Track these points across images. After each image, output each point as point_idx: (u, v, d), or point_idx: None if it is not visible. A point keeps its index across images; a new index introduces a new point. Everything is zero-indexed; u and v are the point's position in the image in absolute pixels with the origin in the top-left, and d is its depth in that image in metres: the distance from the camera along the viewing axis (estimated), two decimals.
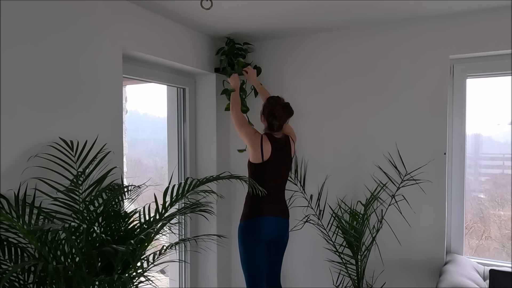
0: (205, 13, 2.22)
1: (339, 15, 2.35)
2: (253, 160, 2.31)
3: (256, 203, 2.30)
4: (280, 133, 2.39)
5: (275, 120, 2.32)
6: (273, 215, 2.31)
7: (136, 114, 3.44)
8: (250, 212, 2.31)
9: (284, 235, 2.39)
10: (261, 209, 2.28)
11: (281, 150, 2.35)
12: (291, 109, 2.37)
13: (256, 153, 2.28)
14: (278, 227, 2.33)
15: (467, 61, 2.40)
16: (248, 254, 2.28)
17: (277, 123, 2.32)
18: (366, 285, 2.45)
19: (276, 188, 2.36)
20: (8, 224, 1.34)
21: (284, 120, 2.36)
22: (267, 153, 2.28)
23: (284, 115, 2.34)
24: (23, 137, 1.59)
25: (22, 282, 1.41)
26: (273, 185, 2.32)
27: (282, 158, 2.37)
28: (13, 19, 1.55)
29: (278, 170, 2.36)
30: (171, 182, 1.96)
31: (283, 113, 2.33)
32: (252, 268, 2.28)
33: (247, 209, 2.34)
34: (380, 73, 2.53)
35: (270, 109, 2.33)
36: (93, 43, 1.90)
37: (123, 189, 1.78)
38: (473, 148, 2.54)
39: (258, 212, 2.28)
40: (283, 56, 2.83)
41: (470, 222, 2.59)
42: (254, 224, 2.28)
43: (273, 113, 2.31)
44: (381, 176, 2.50)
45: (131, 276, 1.45)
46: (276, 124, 2.32)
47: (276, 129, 2.34)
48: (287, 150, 2.40)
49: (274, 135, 2.35)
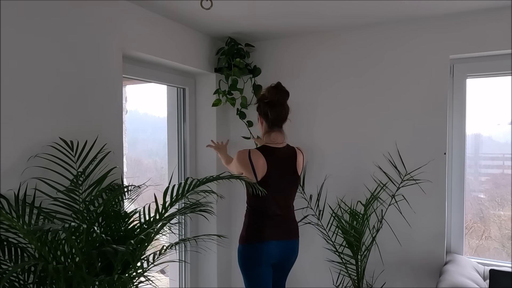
0: (205, 13, 2.22)
1: (339, 15, 2.35)
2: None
3: (256, 225, 2.01)
4: (281, 139, 2.06)
5: (270, 107, 1.98)
6: (275, 239, 2.00)
7: (136, 114, 3.44)
8: (248, 236, 2.02)
9: (291, 257, 2.12)
10: (261, 232, 1.99)
11: (282, 164, 2.03)
12: (284, 87, 2.05)
13: (247, 172, 1.97)
14: (282, 251, 2.04)
15: (467, 61, 2.40)
16: (250, 280, 2.03)
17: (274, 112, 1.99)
18: (366, 285, 2.45)
19: (280, 206, 2.05)
20: (8, 224, 1.34)
21: (281, 101, 2.01)
22: (261, 170, 1.96)
23: (279, 95, 2.01)
24: (23, 137, 1.59)
25: (22, 282, 1.41)
26: (275, 204, 2.02)
27: (284, 174, 2.04)
28: (13, 19, 1.55)
29: (280, 188, 2.03)
30: (171, 182, 1.96)
31: (277, 93, 2.01)
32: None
33: (244, 231, 2.05)
34: (380, 73, 2.53)
35: (261, 97, 2.06)
36: (93, 43, 1.90)
37: (123, 189, 1.78)
38: (473, 148, 2.54)
39: (258, 237, 1.99)
40: (283, 56, 2.83)
41: (470, 222, 2.59)
42: (253, 251, 2.00)
43: (264, 98, 2.02)
44: (381, 176, 2.50)
45: (131, 276, 1.45)
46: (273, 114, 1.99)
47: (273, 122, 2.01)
48: (291, 164, 2.07)
49: (274, 144, 2.03)
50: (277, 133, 2.08)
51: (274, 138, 2.07)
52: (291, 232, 2.10)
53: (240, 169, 2.03)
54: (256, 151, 2.00)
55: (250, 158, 1.97)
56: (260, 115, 2.10)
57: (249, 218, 2.07)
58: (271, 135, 2.07)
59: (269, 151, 2.01)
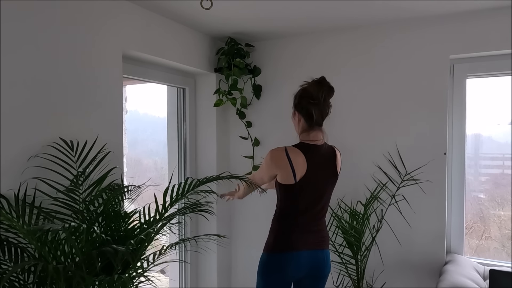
0: (205, 13, 2.21)
1: (339, 15, 2.35)
2: (282, 181, 1.78)
3: (286, 232, 1.80)
4: (320, 136, 1.83)
5: (314, 105, 1.75)
6: (307, 249, 1.79)
7: (136, 114, 3.44)
8: (276, 244, 1.81)
9: (324, 267, 1.88)
10: (291, 240, 1.78)
11: (323, 163, 1.82)
12: (329, 83, 1.82)
13: (285, 172, 1.75)
14: (313, 261, 1.83)
15: (467, 61, 2.40)
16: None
17: (318, 110, 1.76)
18: (366, 285, 2.45)
19: (316, 212, 1.83)
20: (8, 224, 1.34)
21: (326, 99, 1.78)
22: (300, 170, 1.73)
23: (325, 91, 1.77)
24: (23, 137, 1.59)
25: (22, 282, 1.41)
26: (312, 209, 1.81)
27: (325, 175, 1.83)
28: (14, 19, 1.55)
29: (320, 190, 1.82)
30: (171, 182, 1.96)
31: (323, 89, 1.77)
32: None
33: (272, 238, 1.83)
34: (380, 73, 2.53)
35: (301, 92, 1.82)
36: (93, 43, 1.90)
37: (123, 189, 1.78)
38: (473, 148, 2.54)
39: (287, 246, 1.78)
40: (283, 55, 2.83)
41: (470, 222, 2.59)
42: (280, 261, 1.78)
43: (306, 94, 1.79)
44: (381, 176, 2.50)
45: (131, 276, 1.46)
46: (317, 112, 1.76)
47: (316, 121, 1.78)
48: (331, 164, 1.86)
49: (313, 142, 1.81)
50: (318, 132, 1.84)
51: (313, 136, 1.83)
52: (323, 241, 1.87)
53: (274, 170, 1.79)
54: (293, 148, 1.77)
55: (288, 156, 1.74)
56: (299, 112, 1.84)
57: (279, 224, 1.84)
58: (310, 134, 1.83)
59: (307, 148, 1.77)
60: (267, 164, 1.83)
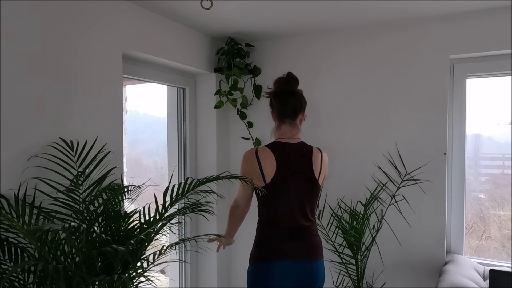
0: (205, 13, 2.21)
1: (339, 15, 2.35)
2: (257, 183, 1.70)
3: (265, 241, 1.70)
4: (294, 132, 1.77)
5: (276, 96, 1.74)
6: (290, 259, 1.66)
7: (136, 114, 3.44)
8: (257, 253, 1.72)
9: (312, 280, 1.70)
10: (270, 249, 1.67)
11: (295, 163, 1.72)
12: (293, 74, 1.82)
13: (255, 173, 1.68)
14: (298, 273, 1.67)
15: (467, 61, 2.40)
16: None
17: (279, 101, 1.74)
18: (366, 285, 2.45)
19: (295, 216, 1.70)
20: (8, 224, 1.34)
21: (289, 89, 1.74)
22: (269, 170, 1.66)
23: (286, 82, 1.77)
24: (23, 137, 1.59)
25: (22, 282, 1.41)
26: (289, 213, 1.70)
27: (298, 175, 1.71)
28: (14, 19, 1.55)
29: (294, 193, 1.71)
30: (171, 182, 1.96)
31: (284, 81, 1.78)
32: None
33: (254, 247, 1.74)
34: (380, 73, 2.53)
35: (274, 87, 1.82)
36: (93, 43, 1.90)
37: (123, 189, 1.78)
38: (473, 148, 2.54)
39: (267, 255, 1.67)
40: (283, 56, 2.83)
41: (470, 222, 2.59)
42: (261, 271, 1.67)
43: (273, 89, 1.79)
44: (381, 176, 2.50)
45: (131, 276, 1.45)
46: (278, 103, 1.73)
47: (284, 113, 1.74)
48: (306, 163, 1.74)
49: (286, 140, 1.75)
50: (287, 126, 1.79)
51: (284, 131, 1.78)
52: (310, 250, 1.72)
53: (248, 174, 1.71)
54: (264, 148, 1.72)
55: (258, 157, 1.69)
56: (271, 109, 1.84)
57: (260, 232, 1.77)
58: (281, 128, 1.79)
59: (279, 147, 1.72)
60: (242, 168, 1.79)
